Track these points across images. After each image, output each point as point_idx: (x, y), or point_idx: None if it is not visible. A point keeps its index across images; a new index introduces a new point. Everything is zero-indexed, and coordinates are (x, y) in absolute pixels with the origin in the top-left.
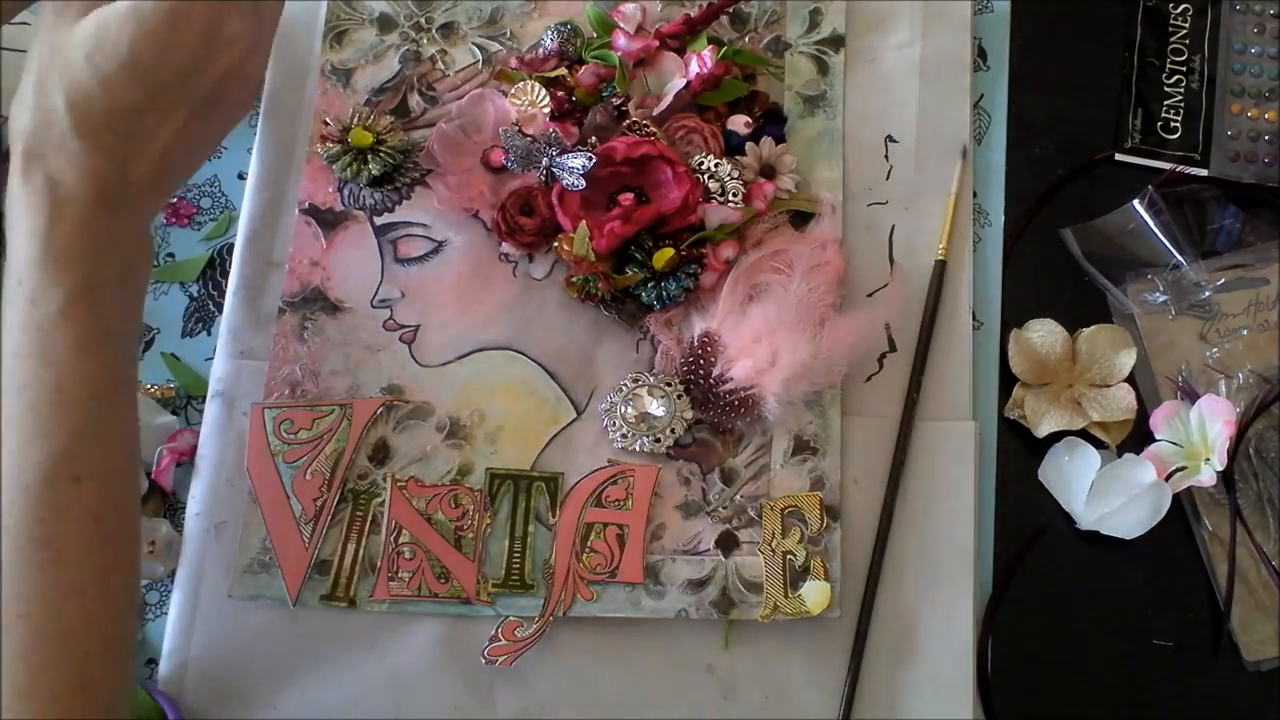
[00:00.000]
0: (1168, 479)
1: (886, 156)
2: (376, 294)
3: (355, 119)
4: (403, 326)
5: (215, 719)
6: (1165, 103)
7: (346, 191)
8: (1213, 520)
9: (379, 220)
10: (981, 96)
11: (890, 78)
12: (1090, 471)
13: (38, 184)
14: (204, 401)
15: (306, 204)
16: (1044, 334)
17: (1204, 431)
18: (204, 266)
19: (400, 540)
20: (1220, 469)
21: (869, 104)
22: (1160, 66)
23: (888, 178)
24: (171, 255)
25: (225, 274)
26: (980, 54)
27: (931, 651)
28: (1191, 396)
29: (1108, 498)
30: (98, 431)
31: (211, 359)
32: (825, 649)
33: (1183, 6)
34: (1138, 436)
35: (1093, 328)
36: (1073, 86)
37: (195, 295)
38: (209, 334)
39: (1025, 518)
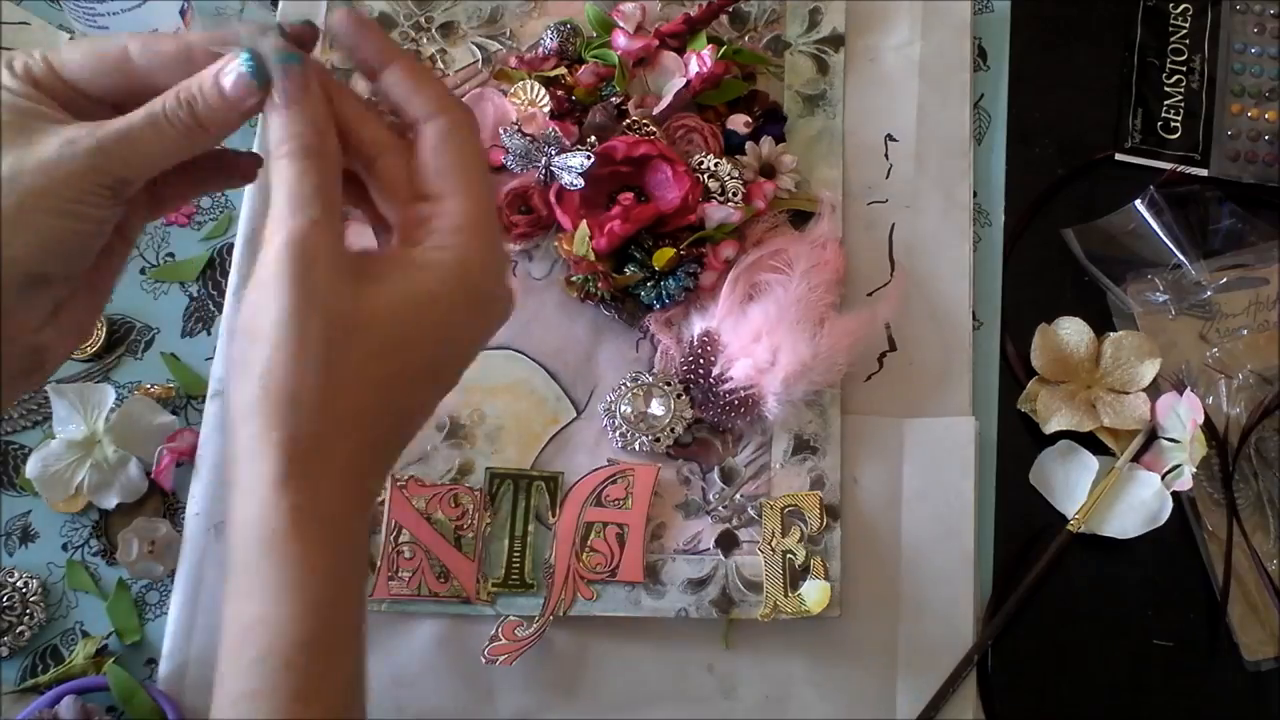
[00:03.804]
0: (1164, 477)
1: (886, 155)
2: None
3: None
4: None
5: None
6: (1165, 103)
7: None
8: (1213, 521)
9: None
10: (981, 96)
11: (890, 77)
12: (1085, 477)
13: None
14: (204, 401)
15: None
16: (1071, 332)
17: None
18: (204, 266)
19: (400, 540)
20: (1193, 470)
21: (869, 103)
22: (1160, 66)
23: (888, 176)
24: (171, 255)
25: (225, 274)
26: (980, 54)
27: (931, 651)
28: (1182, 390)
29: (1107, 504)
30: None
31: (211, 359)
32: (825, 649)
33: (1183, 6)
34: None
35: (1120, 332)
36: (1073, 86)
37: (195, 295)
38: (209, 334)
39: (1025, 517)
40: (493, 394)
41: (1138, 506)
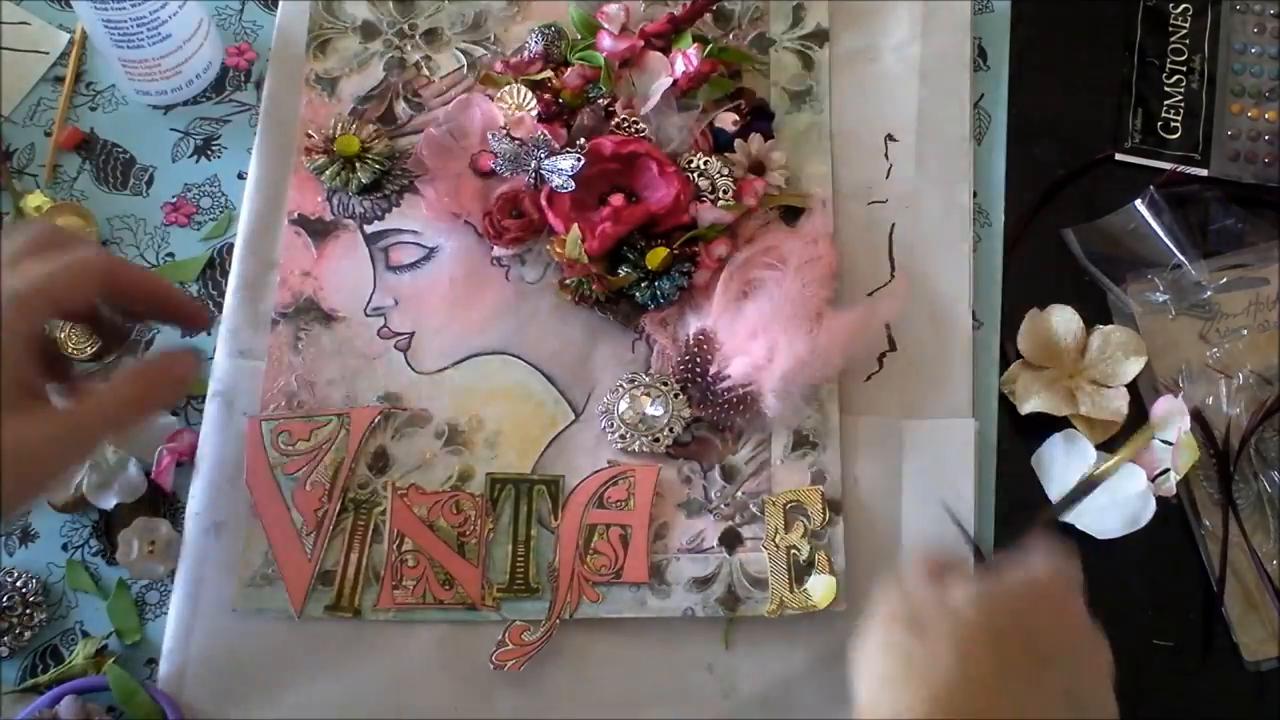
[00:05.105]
0: (1154, 479)
1: (886, 155)
2: (370, 302)
3: (338, 128)
4: (397, 334)
5: (215, 719)
6: (1165, 103)
7: (336, 200)
8: (1212, 520)
9: (369, 228)
10: (982, 96)
11: (890, 77)
12: (1082, 466)
13: None
14: (204, 401)
15: (296, 214)
16: (1062, 320)
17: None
18: (204, 266)
19: (403, 548)
20: (1179, 478)
21: (869, 103)
22: (1160, 66)
23: (888, 176)
24: (171, 255)
25: (225, 274)
26: (980, 54)
27: None
28: (1178, 393)
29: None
30: None
31: (211, 359)
32: (825, 646)
33: (1183, 6)
34: (1121, 440)
35: (1110, 327)
36: (1073, 86)
37: (195, 295)
38: (209, 334)
39: (1025, 518)
40: (490, 399)
41: (1120, 503)
